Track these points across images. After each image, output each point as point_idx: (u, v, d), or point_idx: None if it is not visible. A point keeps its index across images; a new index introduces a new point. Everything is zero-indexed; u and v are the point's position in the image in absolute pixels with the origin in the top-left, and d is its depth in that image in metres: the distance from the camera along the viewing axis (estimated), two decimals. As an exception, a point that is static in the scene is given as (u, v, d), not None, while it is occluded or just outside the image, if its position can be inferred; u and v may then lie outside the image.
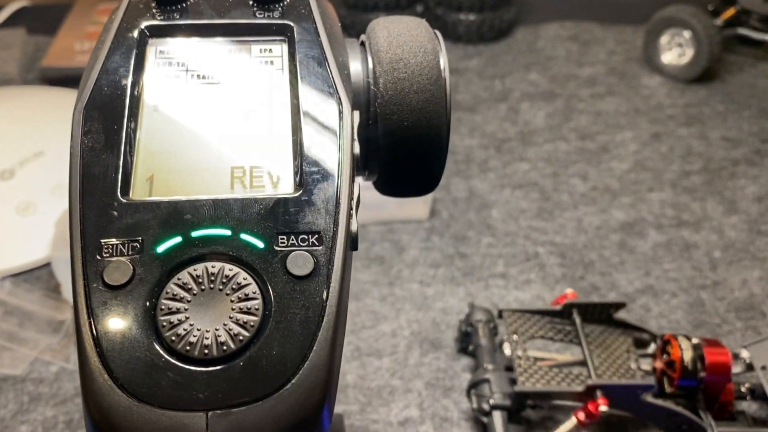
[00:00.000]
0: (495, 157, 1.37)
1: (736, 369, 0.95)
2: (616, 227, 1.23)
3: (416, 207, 1.22)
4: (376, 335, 1.05)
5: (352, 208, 0.41)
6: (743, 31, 1.54)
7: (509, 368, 0.90)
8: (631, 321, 0.94)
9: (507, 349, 0.90)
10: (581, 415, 0.81)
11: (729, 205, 1.27)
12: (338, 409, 0.95)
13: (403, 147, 0.45)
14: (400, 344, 1.04)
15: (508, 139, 1.41)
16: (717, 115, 1.47)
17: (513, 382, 0.89)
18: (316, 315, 0.37)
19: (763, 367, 0.91)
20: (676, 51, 1.53)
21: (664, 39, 1.53)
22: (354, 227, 0.40)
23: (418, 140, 0.44)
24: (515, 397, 0.88)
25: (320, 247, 0.39)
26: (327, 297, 0.38)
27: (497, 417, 0.87)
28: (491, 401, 0.88)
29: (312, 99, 0.42)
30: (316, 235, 0.39)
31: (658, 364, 0.88)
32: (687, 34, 1.50)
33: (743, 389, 0.92)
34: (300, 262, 0.38)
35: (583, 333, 0.89)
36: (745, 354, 0.94)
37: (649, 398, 0.82)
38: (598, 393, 0.80)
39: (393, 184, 0.49)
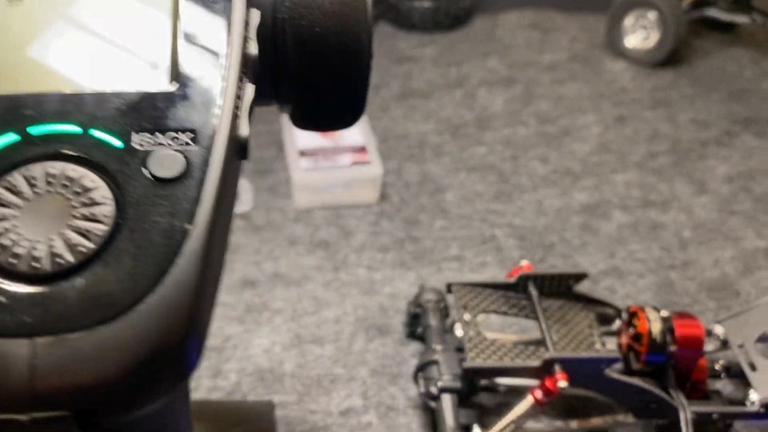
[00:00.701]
0: (450, 142, 1.29)
1: (710, 347, 0.87)
2: (578, 209, 1.15)
3: (365, 191, 1.13)
4: (318, 322, 0.96)
5: (238, 109, 0.34)
6: (711, 12, 1.48)
7: (460, 349, 0.81)
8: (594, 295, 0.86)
9: (458, 330, 0.81)
10: (538, 393, 0.71)
11: (699, 186, 1.20)
12: (273, 399, 0.85)
13: (316, 60, 0.37)
14: (344, 331, 0.95)
15: (465, 125, 1.33)
16: (685, 99, 1.41)
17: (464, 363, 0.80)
18: (183, 223, 0.30)
19: (740, 345, 0.83)
20: (640, 34, 1.47)
21: (628, 21, 1.47)
22: (243, 132, 0.33)
23: (333, 51, 0.37)
24: (466, 378, 0.79)
25: (195, 147, 0.32)
26: (199, 203, 0.31)
27: (446, 400, 0.78)
28: (440, 383, 0.78)
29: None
30: (190, 134, 0.32)
31: (624, 339, 0.80)
32: (652, 15, 1.44)
33: (717, 367, 0.84)
34: (166, 163, 0.32)
35: (540, 307, 0.80)
36: (718, 330, 0.85)
37: (613, 374, 0.74)
38: (557, 368, 0.71)
39: (310, 112, 0.41)
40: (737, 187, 1.19)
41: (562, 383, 0.70)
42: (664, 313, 0.78)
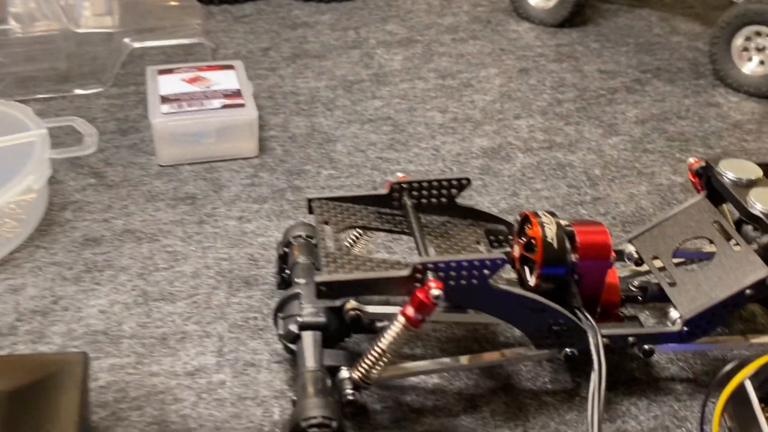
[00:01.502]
0: (344, 97, 1.16)
1: (624, 272, 0.75)
2: (479, 153, 1.03)
3: (241, 141, 1.00)
4: (170, 277, 0.81)
5: None
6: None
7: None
8: (483, 208, 0.73)
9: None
10: (410, 311, 0.58)
11: (608, 128, 1.10)
12: (105, 363, 0.70)
13: None
14: (203, 285, 0.80)
15: (360, 81, 1.21)
16: (591, 52, 1.32)
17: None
18: None
19: (655, 257, 0.72)
20: (543, -8, 1.39)
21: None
22: None
23: None
24: (333, 313, 0.65)
25: None
26: None
27: (307, 338, 0.64)
28: (300, 319, 0.64)
29: None
30: None
31: (516, 252, 0.67)
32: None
33: (633, 288, 0.72)
34: None
35: (415, 218, 0.67)
36: (630, 248, 0.74)
37: (500, 284, 0.61)
38: (430, 275, 0.58)
39: None
40: (650, 128, 1.10)
41: (436, 291, 0.57)
42: (564, 222, 0.66)
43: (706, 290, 0.65)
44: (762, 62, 1.16)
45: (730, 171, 0.68)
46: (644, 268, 0.75)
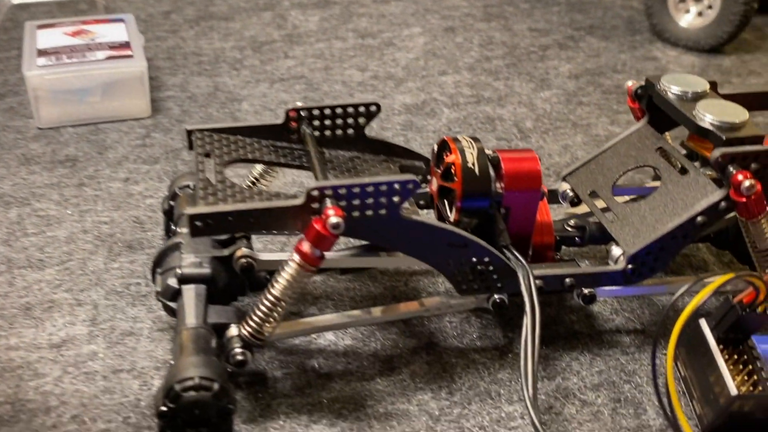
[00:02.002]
0: (252, 57, 1.06)
1: (559, 215, 0.67)
2: (401, 110, 0.94)
3: (130, 99, 0.88)
4: (40, 243, 0.69)
5: None
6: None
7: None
8: (398, 143, 0.64)
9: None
10: (305, 246, 0.48)
11: (540, 83, 1.02)
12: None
13: None
14: (78, 251, 0.68)
15: (272, 41, 1.11)
16: (521, 12, 1.24)
17: (218, 242, 0.56)
18: None
19: (592, 192, 0.63)
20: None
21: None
22: None
23: None
24: (217, 262, 0.54)
25: None
26: None
27: (188, 293, 0.53)
28: (179, 271, 0.54)
29: None
30: None
31: (433, 184, 0.58)
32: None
33: (569, 227, 0.63)
34: None
35: (315, 151, 0.57)
36: (564, 186, 0.65)
37: (412, 215, 0.51)
38: (329, 203, 0.48)
39: None
40: (585, 82, 1.03)
41: (334, 219, 0.46)
42: (489, 151, 0.57)
43: (652, 222, 0.57)
44: (700, 13, 1.10)
45: (674, 85, 0.60)
46: (582, 209, 0.66)
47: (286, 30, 1.15)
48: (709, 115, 0.56)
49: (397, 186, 0.49)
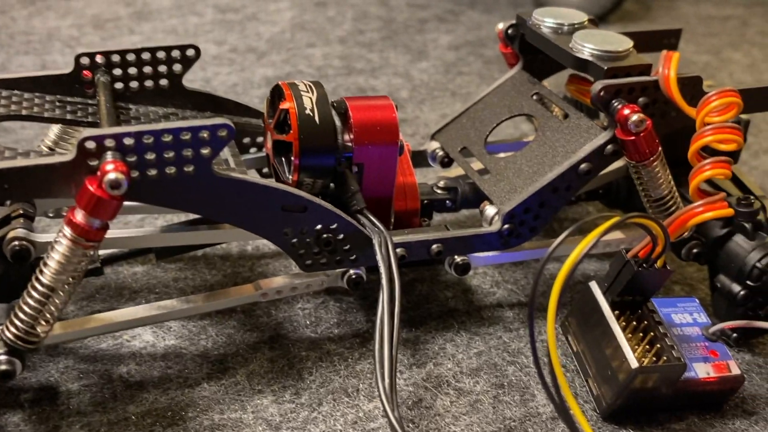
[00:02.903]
0: (92, 34, 0.93)
1: (428, 177, 0.57)
2: (261, 83, 0.83)
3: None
4: None
5: None
6: None
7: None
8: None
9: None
10: (78, 215, 0.36)
11: (418, 54, 0.93)
12: None
13: None
14: None
15: (117, 18, 0.98)
16: (398, -12, 1.16)
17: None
18: None
19: (463, 149, 0.54)
20: None
21: None
22: None
23: None
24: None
25: None
26: None
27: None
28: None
29: None
30: None
31: (268, 140, 0.47)
32: None
33: (439, 190, 0.54)
34: None
35: (108, 104, 0.45)
36: (433, 145, 0.56)
37: (230, 171, 0.40)
38: (110, 156, 0.37)
39: None
40: (465, 52, 0.95)
41: (113, 175, 0.35)
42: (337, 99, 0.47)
43: (530, 174, 0.48)
44: (581, -19, 1.05)
45: (548, 18, 0.51)
46: (457, 172, 0.57)
47: (135, 7, 1.02)
48: (589, 44, 0.47)
49: (204, 134, 0.38)
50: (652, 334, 0.42)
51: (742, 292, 0.46)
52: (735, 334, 0.47)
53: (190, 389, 0.43)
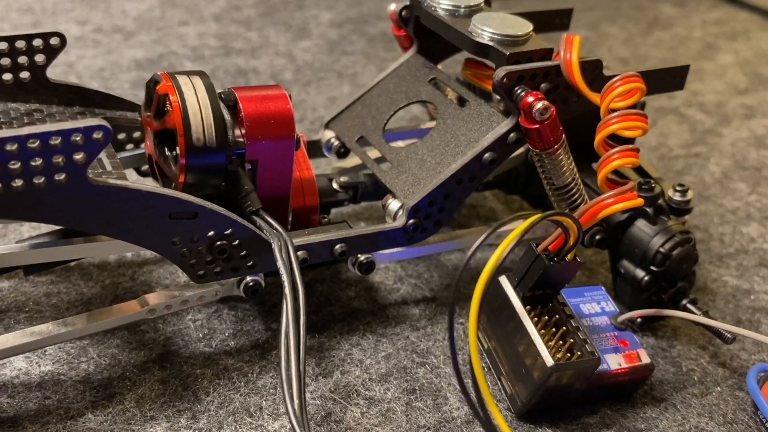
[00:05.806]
0: (-69, 14, 0.83)
1: (333, 185, 0.54)
2: (131, 66, 0.77)
3: None
4: None
5: None
6: None
7: None
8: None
9: None
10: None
11: (299, 32, 0.89)
12: None
13: None
14: None
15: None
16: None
17: None
18: None
19: (360, 138, 0.51)
20: None
21: None
22: None
23: None
24: None
25: None
26: None
27: None
28: None
29: None
30: None
31: (149, 140, 0.43)
32: None
33: (338, 186, 0.51)
34: None
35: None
36: (328, 134, 0.53)
37: (110, 179, 0.36)
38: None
39: None
40: (348, 30, 0.91)
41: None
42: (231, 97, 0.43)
43: (432, 165, 0.46)
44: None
45: (443, 0, 0.49)
46: (355, 162, 0.54)
47: (-19, -18, 0.92)
48: (489, 29, 0.46)
49: (77, 137, 0.33)
50: (564, 328, 0.41)
51: (646, 278, 0.46)
52: (639, 319, 0.47)
53: (73, 421, 0.39)
